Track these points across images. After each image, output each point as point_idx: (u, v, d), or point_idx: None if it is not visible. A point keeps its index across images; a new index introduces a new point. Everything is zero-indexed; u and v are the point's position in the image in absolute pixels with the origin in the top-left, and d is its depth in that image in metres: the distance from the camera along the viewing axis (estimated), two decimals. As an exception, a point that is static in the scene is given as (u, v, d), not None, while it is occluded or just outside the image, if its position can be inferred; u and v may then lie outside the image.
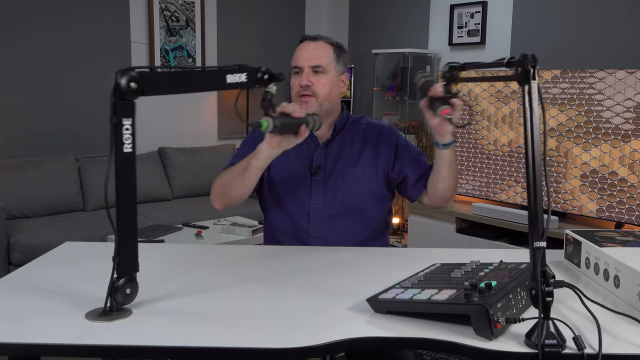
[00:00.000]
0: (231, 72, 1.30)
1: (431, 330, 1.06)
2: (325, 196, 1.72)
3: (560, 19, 3.87)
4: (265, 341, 1.02)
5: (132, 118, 1.10)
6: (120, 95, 1.09)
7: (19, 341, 1.02)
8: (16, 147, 4.04)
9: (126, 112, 1.09)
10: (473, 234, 3.72)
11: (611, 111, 3.18)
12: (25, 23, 3.99)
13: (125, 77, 1.11)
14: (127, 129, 1.10)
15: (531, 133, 1.06)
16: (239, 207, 4.27)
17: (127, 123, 1.10)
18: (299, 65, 1.69)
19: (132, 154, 1.11)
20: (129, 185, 1.14)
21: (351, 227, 1.74)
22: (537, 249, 1.02)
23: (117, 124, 1.09)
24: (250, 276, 1.39)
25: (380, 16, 5.13)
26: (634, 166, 3.12)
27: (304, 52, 1.71)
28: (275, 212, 1.78)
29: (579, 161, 3.34)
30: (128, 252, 1.14)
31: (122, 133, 1.09)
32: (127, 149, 1.10)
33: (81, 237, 3.46)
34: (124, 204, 1.13)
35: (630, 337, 1.03)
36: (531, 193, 1.07)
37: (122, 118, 1.09)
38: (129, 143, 1.10)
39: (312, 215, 1.72)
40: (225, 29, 5.02)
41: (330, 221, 1.72)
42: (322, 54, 1.70)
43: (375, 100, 4.90)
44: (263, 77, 1.35)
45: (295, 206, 1.74)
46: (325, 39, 1.73)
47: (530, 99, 1.07)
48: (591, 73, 3.24)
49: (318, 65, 1.68)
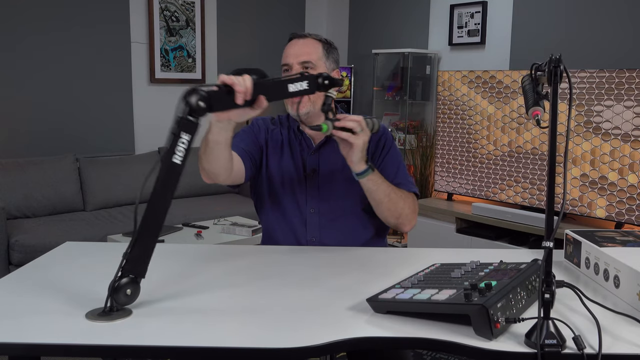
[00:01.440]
0: (293, 82, 1.39)
1: (431, 330, 1.06)
2: (321, 200, 1.70)
3: (560, 19, 3.87)
4: (265, 341, 1.02)
5: (192, 136, 1.16)
6: (189, 112, 1.16)
7: (19, 341, 1.02)
8: (16, 147, 4.04)
9: (189, 129, 1.16)
10: (473, 234, 3.72)
11: (611, 111, 3.18)
12: (25, 23, 3.99)
13: (194, 97, 1.16)
14: (183, 143, 1.15)
15: (552, 134, 1.06)
16: (239, 207, 4.31)
17: (185, 138, 1.15)
18: (288, 63, 1.68)
19: (179, 166, 1.16)
20: (166, 193, 1.17)
21: (351, 231, 1.72)
22: (545, 248, 1.03)
23: (176, 135, 1.15)
24: (250, 276, 1.39)
25: (380, 16, 5.13)
26: (634, 166, 3.12)
27: (292, 49, 1.70)
28: (271, 216, 1.75)
29: (578, 161, 3.34)
30: (141, 254, 1.14)
31: (177, 144, 1.15)
32: (176, 159, 1.15)
33: (81, 237, 3.46)
34: (156, 208, 1.16)
35: (630, 337, 1.03)
36: (551, 195, 1.09)
37: (183, 132, 1.15)
38: (180, 156, 1.15)
39: (309, 221, 1.70)
40: (225, 29, 5.02)
41: (329, 225, 1.70)
42: (311, 50, 1.69)
43: (375, 100, 4.90)
44: (324, 83, 1.41)
45: (292, 211, 1.72)
46: (314, 35, 1.73)
47: (555, 99, 1.07)
48: (591, 73, 3.24)
49: (307, 61, 1.67)
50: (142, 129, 4.65)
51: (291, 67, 1.67)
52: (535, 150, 3.52)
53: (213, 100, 1.22)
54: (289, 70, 1.67)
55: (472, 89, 3.84)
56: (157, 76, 4.64)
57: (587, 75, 3.26)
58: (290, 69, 1.67)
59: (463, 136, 3.92)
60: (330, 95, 1.47)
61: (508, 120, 3.65)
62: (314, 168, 1.72)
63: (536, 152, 3.52)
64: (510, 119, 3.64)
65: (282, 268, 1.45)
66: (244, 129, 1.80)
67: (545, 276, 1.00)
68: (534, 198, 3.56)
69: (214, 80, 4.97)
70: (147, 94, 4.63)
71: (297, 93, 1.40)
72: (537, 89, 1.37)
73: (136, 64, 4.55)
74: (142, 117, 4.63)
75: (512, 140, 3.65)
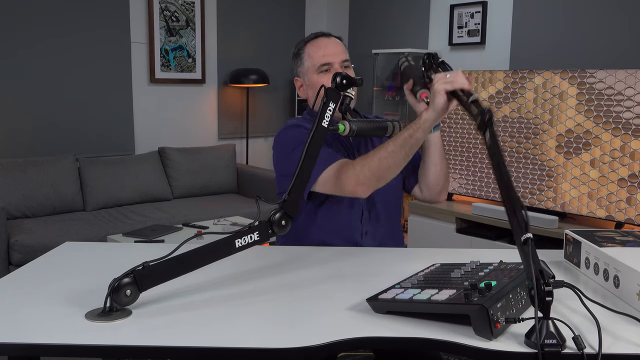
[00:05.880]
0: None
1: (431, 330, 1.06)
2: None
3: (560, 19, 3.87)
4: (265, 341, 1.02)
5: (335, 104, 1.38)
6: (336, 86, 1.41)
7: (19, 341, 1.02)
8: (16, 147, 4.04)
9: (334, 98, 1.38)
10: (473, 234, 3.72)
11: (611, 111, 3.18)
12: (25, 23, 3.99)
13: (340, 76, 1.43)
14: (329, 109, 1.37)
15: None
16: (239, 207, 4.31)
17: (331, 106, 1.37)
18: (330, 62, 1.68)
19: (325, 129, 1.36)
20: (316, 147, 1.34)
21: (392, 222, 1.76)
22: (526, 241, 1.01)
23: (325, 104, 1.36)
24: (250, 276, 1.39)
25: (380, 16, 5.13)
26: (634, 166, 3.12)
27: (330, 48, 1.70)
28: (322, 210, 1.70)
29: (578, 161, 3.34)
30: (295, 199, 1.29)
31: (326, 111, 1.36)
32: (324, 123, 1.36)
33: (81, 237, 3.46)
34: (307, 161, 1.32)
35: (630, 337, 1.03)
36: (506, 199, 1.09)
37: (330, 101, 1.37)
38: (326, 120, 1.36)
39: (365, 215, 1.71)
40: (225, 29, 5.02)
41: (376, 217, 1.72)
42: (343, 48, 1.74)
43: (375, 100, 4.90)
44: (342, 82, 1.42)
45: (346, 207, 1.70)
46: (331, 34, 1.77)
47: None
48: (591, 73, 3.24)
49: (346, 59, 1.70)
50: (142, 129, 4.65)
51: (332, 65, 1.68)
52: (535, 150, 3.52)
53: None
54: (329, 70, 1.68)
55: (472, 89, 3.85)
56: (157, 76, 4.64)
57: (586, 75, 3.26)
58: (330, 69, 1.68)
59: (463, 136, 3.92)
60: (349, 95, 1.48)
61: (508, 120, 3.65)
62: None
63: (536, 153, 3.52)
64: (510, 119, 3.64)
65: (281, 268, 1.45)
66: (297, 138, 1.69)
67: (530, 270, 0.98)
68: (534, 198, 3.56)
69: (214, 79, 4.98)
70: (147, 94, 4.64)
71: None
72: (427, 73, 1.45)
73: (136, 64, 4.55)
74: (142, 117, 4.63)
75: (512, 140, 3.65)
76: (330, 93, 1.37)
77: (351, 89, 1.47)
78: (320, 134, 1.34)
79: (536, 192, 3.56)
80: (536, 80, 3.47)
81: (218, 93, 5.04)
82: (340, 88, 1.42)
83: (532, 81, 3.49)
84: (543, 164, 3.50)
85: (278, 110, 5.36)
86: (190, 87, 4.88)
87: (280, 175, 1.72)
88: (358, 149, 1.76)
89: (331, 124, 1.39)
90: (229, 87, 5.07)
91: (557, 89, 3.39)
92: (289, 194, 1.28)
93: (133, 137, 4.61)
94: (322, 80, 1.66)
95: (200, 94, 4.95)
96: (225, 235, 1.22)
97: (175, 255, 1.18)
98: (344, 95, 1.47)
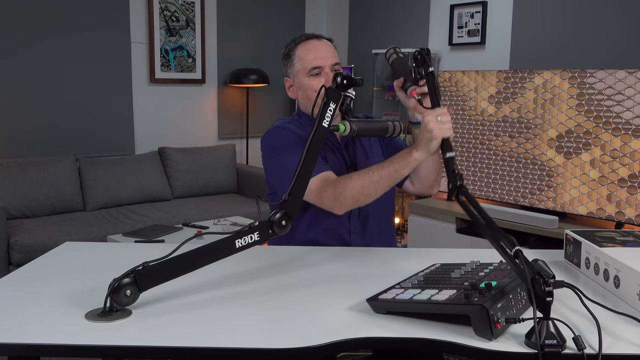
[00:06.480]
0: None
1: (431, 330, 1.06)
2: None
3: (560, 19, 3.87)
4: (265, 341, 1.02)
5: (336, 104, 1.39)
6: (337, 86, 1.41)
7: (19, 341, 1.02)
8: (16, 147, 4.04)
9: (335, 98, 1.39)
10: (473, 234, 3.72)
11: (611, 111, 3.18)
12: (25, 23, 3.99)
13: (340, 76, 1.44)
14: (330, 109, 1.37)
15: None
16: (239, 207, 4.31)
17: (332, 106, 1.38)
18: (320, 65, 1.66)
19: (325, 128, 1.37)
20: (317, 146, 1.35)
21: (381, 220, 1.76)
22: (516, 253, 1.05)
23: (325, 104, 1.37)
24: (250, 276, 1.39)
25: (380, 16, 5.13)
26: (634, 166, 3.12)
27: (320, 52, 1.68)
28: (311, 208, 1.68)
29: (578, 161, 3.34)
30: (295, 196, 1.29)
31: (326, 111, 1.37)
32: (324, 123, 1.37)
33: (81, 237, 3.46)
34: (310, 157, 1.32)
35: (630, 337, 1.03)
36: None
37: (331, 101, 1.38)
38: (327, 120, 1.37)
39: (352, 210, 1.70)
40: (225, 29, 5.02)
41: (366, 215, 1.72)
42: (333, 51, 1.72)
43: (375, 100, 4.90)
44: (342, 82, 1.42)
45: None
46: (322, 35, 1.75)
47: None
48: (591, 73, 3.24)
49: (337, 62, 1.69)
50: (142, 129, 4.65)
51: (322, 69, 1.66)
52: (535, 150, 3.52)
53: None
54: (320, 72, 1.66)
55: (472, 89, 3.84)
56: (157, 76, 4.64)
57: (586, 75, 3.25)
58: (321, 72, 1.66)
59: (463, 136, 3.91)
60: (349, 95, 1.48)
61: (508, 120, 3.65)
62: (353, 161, 1.75)
63: (536, 153, 3.51)
64: (510, 119, 3.64)
65: (281, 268, 1.45)
66: (289, 140, 1.68)
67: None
68: (533, 198, 3.56)
69: (214, 79, 4.98)
70: (147, 94, 4.63)
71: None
72: (418, 69, 1.48)
73: (136, 64, 4.55)
74: (142, 117, 4.63)
75: (512, 140, 3.65)
76: (330, 93, 1.38)
77: (351, 89, 1.47)
78: (321, 134, 1.35)
79: (536, 192, 3.56)
80: (536, 80, 3.47)
81: (218, 93, 5.04)
82: (341, 88, 1.42)
83: (532, 81, 3.49)
84: (543, 164, 3.50)
85: (278, 110, 5.35)
86: (190, 87, 4.88)
87: (270, 177, 1.72)
88: (346, 147, 1.76)
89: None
90: (229, 87, 5.07)
91: (557, 88, 3.38)
92: (289, 194, 1.29)
93: (133, 137, 4.61)
94: (312, 83, 1.66)
95: (200, 94, 4.95)
96: (226, 235, 1.22)
97: (175, 256, 1.18)
98: (345, 96, 1.47)
